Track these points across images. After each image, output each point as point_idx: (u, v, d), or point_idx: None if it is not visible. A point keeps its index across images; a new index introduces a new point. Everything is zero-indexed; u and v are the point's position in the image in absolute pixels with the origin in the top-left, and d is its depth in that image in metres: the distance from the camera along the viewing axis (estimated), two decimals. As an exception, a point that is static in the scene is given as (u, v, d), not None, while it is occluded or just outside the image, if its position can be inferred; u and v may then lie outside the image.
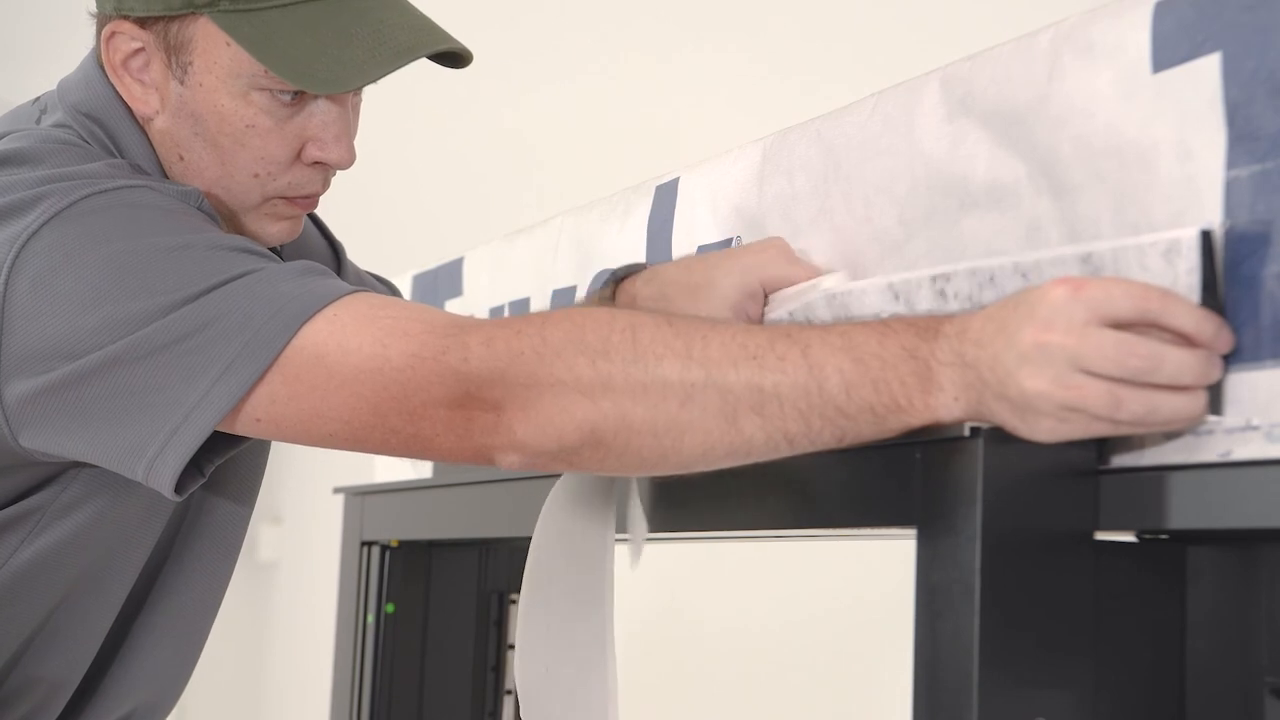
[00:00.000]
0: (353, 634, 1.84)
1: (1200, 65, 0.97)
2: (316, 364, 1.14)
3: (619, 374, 1.07)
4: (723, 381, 1.04)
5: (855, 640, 3.41)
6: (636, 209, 1.58)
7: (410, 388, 1.12)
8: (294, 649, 3.89)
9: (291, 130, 1.29)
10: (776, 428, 1.04)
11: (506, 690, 1.85)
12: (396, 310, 1.16)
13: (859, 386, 1.01)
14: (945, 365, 0.99)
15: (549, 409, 1.08)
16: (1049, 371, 0.93)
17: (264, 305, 1.15)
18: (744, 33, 3.62)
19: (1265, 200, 0.93)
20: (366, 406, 1.13)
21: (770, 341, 1.05)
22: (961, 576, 0.96)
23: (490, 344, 1.10)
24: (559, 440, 1.09)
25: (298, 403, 1.15)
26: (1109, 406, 0.92)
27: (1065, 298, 0.94)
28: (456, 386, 1.10)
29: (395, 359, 1.12)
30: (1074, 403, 0.93)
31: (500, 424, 1.10)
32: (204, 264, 1.18)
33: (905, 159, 1.22)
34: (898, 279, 1.17)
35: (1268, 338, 0.93)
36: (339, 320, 1.14)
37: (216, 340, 1.15)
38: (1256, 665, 0.97)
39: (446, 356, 1.11)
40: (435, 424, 1.12)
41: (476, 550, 1.85)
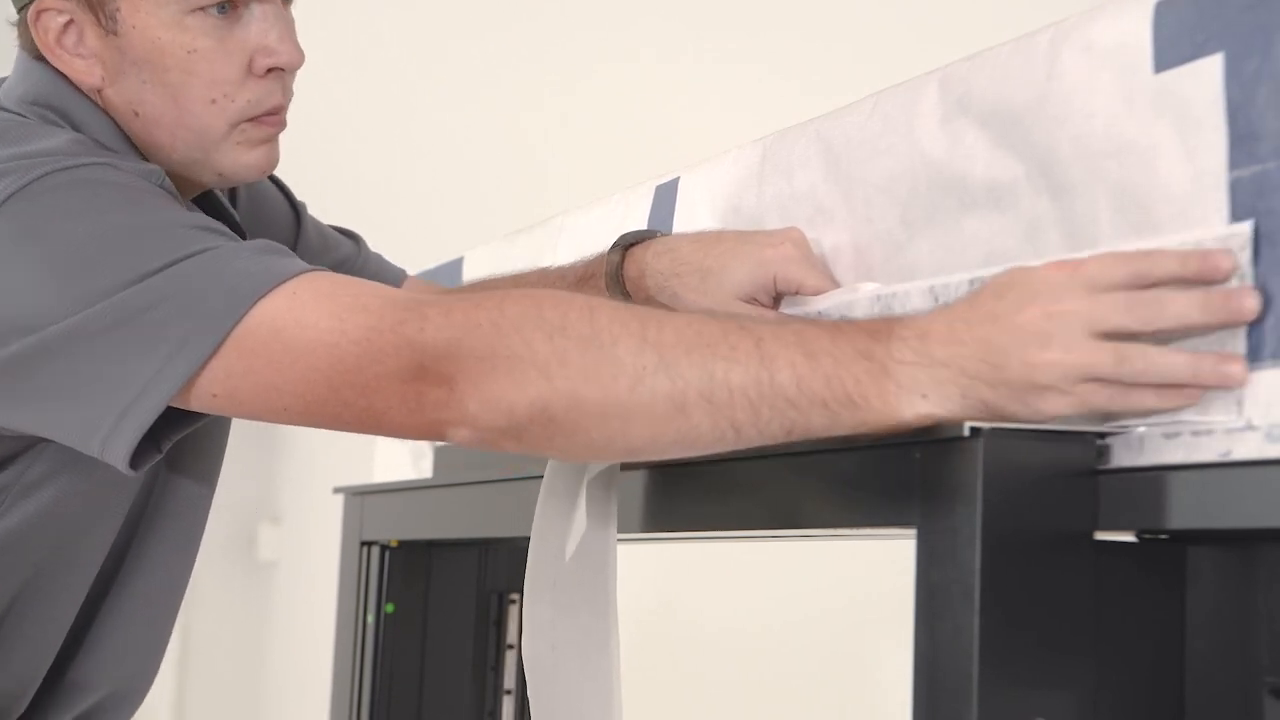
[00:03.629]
0: (352, 634, 1.84)
1: (1202, 65, 0.97)
2: (273, 338, 1.14)
3: (574, 351, 1.06)
4: (674, 366, 1.04)
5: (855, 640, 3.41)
6: (636, 209, 1.59)
7: (365, 360, 1.11)
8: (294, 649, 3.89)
9: (234, 45, 1.29)
10: (725, 416, 1.04)
11: (506, 690, 1.85)
12: (356, 287, 1.16)
13: (810, 380, 1.01)
14: (906, 365, 0.99)
15: (503, 383, 1.08)
16: (1060, 340, 0.95)
17: (219, 281, 1.15)
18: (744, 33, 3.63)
19: (1266, 201, 0.93)
20: (321, 380, 1.13)
21: (724, 331, 1.05)
22: (961, 576, 0.96)
23: (448, 314, 1.10)
24: (510, 415, 1.08)
25: (253, 377, 1.15)
26: (1114, 364, 0.94)
27: (1066, 276, 0.96)
28: (411, 358, 1.10)
29: (352, 331, 1.12)
30: (1083, 367, 0.94)
31: (452, 398, 1.09)
32: (162, 241, 1.17)
33: (905, 159, 1.22)
34: (938, 282, 1.16)
35: (1269, 338, 0.93)
36: (297, 296, 1.14)
37: (171, 316, 1.15)
38: (1256, 665, 0.97)
39: (403, 327, 1.10)
40: (389, 398, 1.11)
41: (476, 550, 1.85)
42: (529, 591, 1.36)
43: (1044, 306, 0.95)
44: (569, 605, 1.34)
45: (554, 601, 1.34)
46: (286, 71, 1.32)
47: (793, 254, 1.29)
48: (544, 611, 1.35)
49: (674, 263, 1.35)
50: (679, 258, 1.35)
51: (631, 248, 1.41)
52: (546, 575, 1.35)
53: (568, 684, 1.34)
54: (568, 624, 1.34)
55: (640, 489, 1.32)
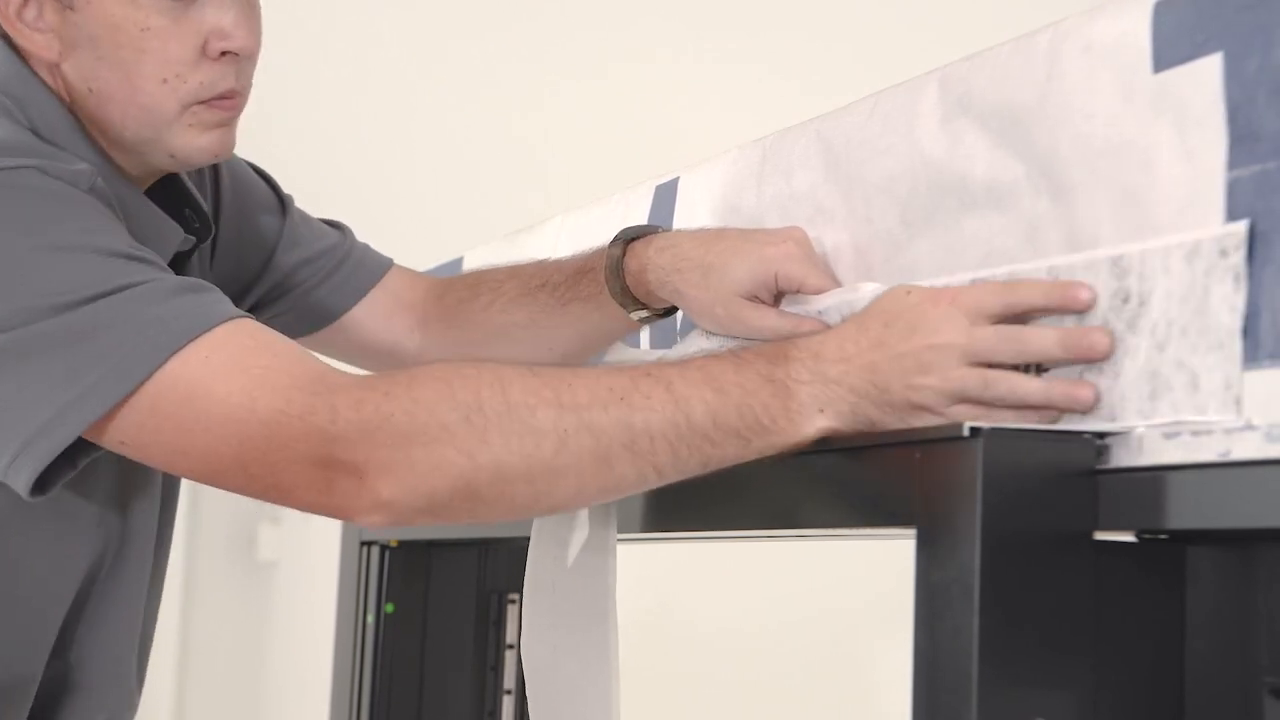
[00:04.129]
0: (352, 634, 1.84)
1: (1201, 65, 0.97)
2: (185, 404, 1.15)
3: (493, 428, 1.09)
4: (594, 424, 1.09)
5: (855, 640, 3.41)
6: (636, 208, 1.59)
7: (274, 442, 1.13)
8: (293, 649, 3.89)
9: (189, 27, 1.28)
10: (647, 462, 1.09)
11: (506, 690, 1.85)
12: (268, 359, 1.16)
13: (724, 414, 1.08)
14: (804, 384, 1.07)
15: (421, 469, 1.10)
16: (938, 370, 1.03)
17: (135, 329, 1.15)
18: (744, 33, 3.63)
19: (1265, 201, 0.93)
20: (229, 453, 1.14)
21: (633, 382, 1.10)
22: (961, 576, 0.96)
23: (359, 408, 1.11)
24: (429, 497, 1.11)
25: (162, 436, 1.16)
26: (981, 388, 1.02)
27: (945, 310, 1.04)
28: (321, 447, 1.11)
29: (260, 412, 1.13)
30: (955, 392, 1.03)
31: (364, 487, 1.11)
32: (81, 272, 1.17)
33: (905, 159, 1.22)
34: (939, 283, 1.16)
35: (1267, 338, 0.93)
36: (210, 363, 1.15)
37: (86, 357, 1.15)
38: (1256, 665, 0.97)
39: (313, 416, 1.12)
40: (296, 478, 1.13)
41: (476, 550, 1.85)
42: (528, 592, 1.36)
43: (925, 339, 1.04)
44: (569, 606, 1.34)
45: (554, 602, 1.34)
46: (243, 58, 1.32)
47: (795, 252, 1.29)
48: (543, 612, 1.35)
49: (676, 258, 1.35)
50: (681, 253, 1.35)
51: (632, 242, 1.40)
52: (546, 576, 1.35)
53: (567, 685, 1.34)
54: (567, 625, 1.34)
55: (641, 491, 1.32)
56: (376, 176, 3.54)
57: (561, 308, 1.48)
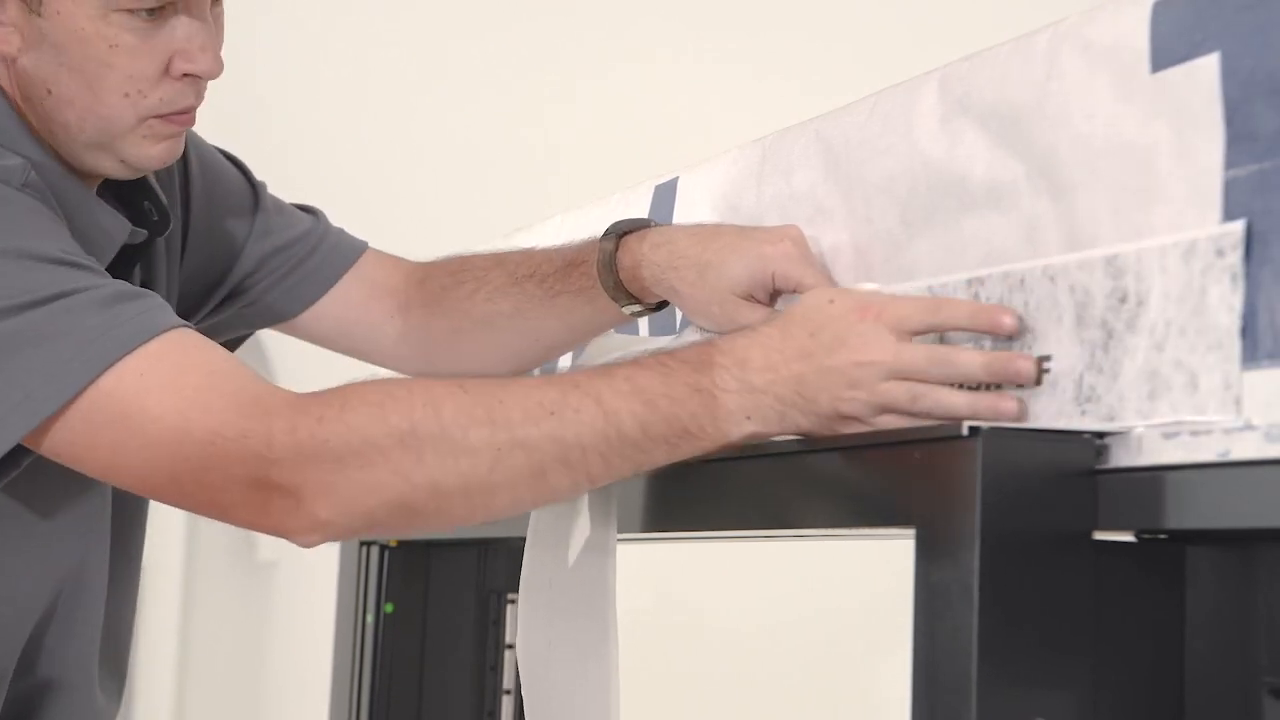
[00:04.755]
0: (352, 634, 1.84)
1: (1199, 65, 0.97)
2: (118, 422, 1.15)
3: (428, 449, 1.11)
4: (527, 440, 1.11)
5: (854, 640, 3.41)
6: (636, 208, 1.59)
7: (209, 463, 1.14)
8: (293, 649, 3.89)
9: (156, 46, 1.29)
10: (580, 472, 1.13)
11: (505, 690, 1.85)
12: (202, 378, 1.17)
13: (653, 425, 1.11)
14: (730, 393, 1.10)
15: (356, 491, 1.12)
16: (866, 385, 1.07)
17: (69, 340, 1.16)
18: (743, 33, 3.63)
19: (1263, 200, 0.93)
20: (164, 471, 1.16)
21: (563, 395, 1.12)
22: (960, 576, 0.96)
23: (293, 433, 1.12)
24: (366, 516, 1.13)
25: (97, 452, 1.17)
26: (909, 402, 1.06)
27: (871, 324, 1.07)
28: (257, 469, 1.13)
29: (196, 433, 1.14)
30: (883, 404, 1.07)
31: (300, 509, 1.13)
32: (13, 278, 1.18)
33: (905, 159, 1.22)
34: (936, 283, 1.16)
35: (1265, 337, 0.93)
36: (145, 380, 1.15)
37: (20, 368, 1.16)
38: (1256, 665, 0.97)
39: (248, 440, 1.13)
40: (232, 497, 1.14)
41: (475, 550, 1.85)
42: (525, 593, 1.36)
43: (852, 355, 1.07)
44: (568, 607, 1.33)
45: (552, 603, 1.34)
46: (205, 79, 1.33)
47: (792, 251, 1.29)
48: (541, 613, 1.35)
49: (671, 255, 1.35)
50: (677, 250, 1.35)
51: (625, 236, 1.40)
52: (544, 576, 1.35)
53: (565, 686, 1.34)
54: (566, 625, 1.34)
55: (640, 489, 1.32)
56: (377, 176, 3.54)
57: (549, 299, 1.47)
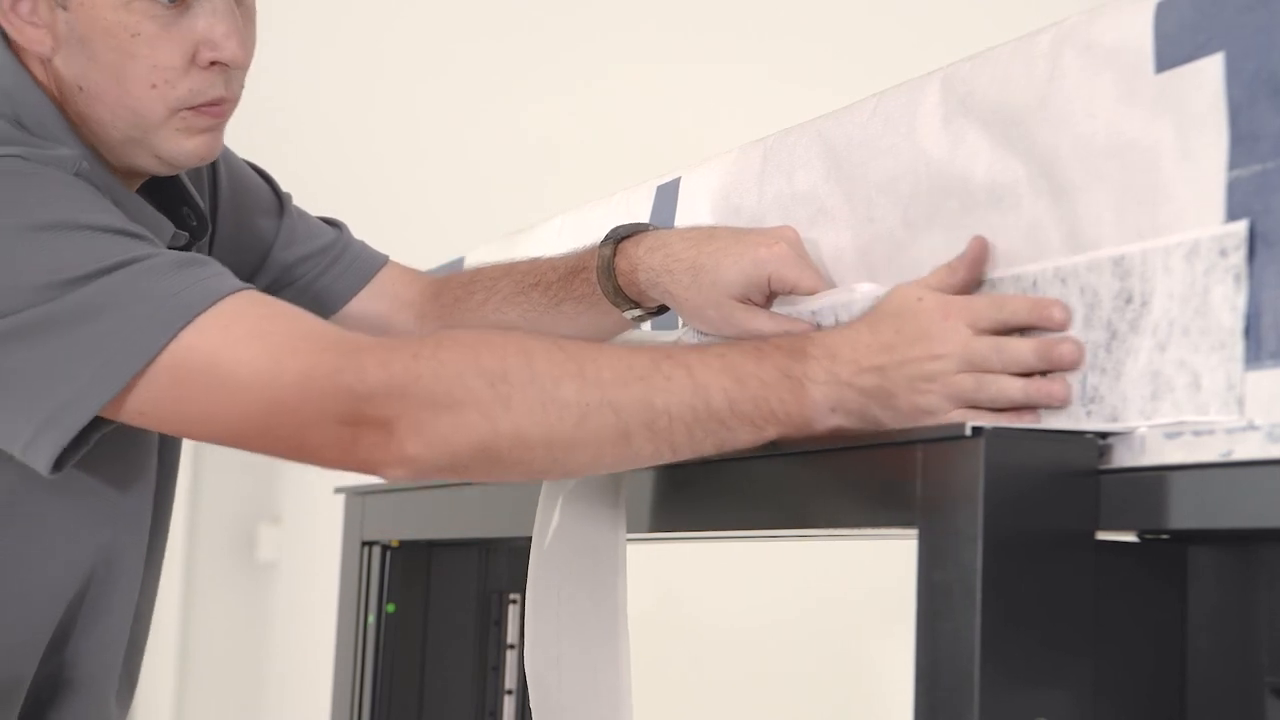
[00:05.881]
0: (353, 634, 1.84)
1: (1202, 66, 0.97)
2: (208, 373, 1.16)
3: (517, 396, 1.12)
4: (617, 400, 1.12)
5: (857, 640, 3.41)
6: (638, 208, 1.59)
7: (302, 403, 1.14)
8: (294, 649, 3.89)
9: (180, 34, 1.29)
10: (664, 440, 1.13)
11: (507, 690, 1.85)
12: (286, 324, 1.18)
13: (740, 403, 1.12)
14: (819, 384, 1.12)
15: (444, 428, 1.12)
16: (941, 377, 1.10)
17: (147, 300, 1.16)
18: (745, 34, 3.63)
19: (1266, 200, 0.94)
20: (256, 416, 1.16)
21: (655, 362, 1.13)
22: (962, 576, 0.96)
23: (386, 366, 1.13)
24: (452, 456, 1.13)
25: (186, 405, 1.18)
26: (974, 390, 1.09)
27: (952, 323, 1.11)
28: (349, 404, 1.13)
29: (287, 375, 1.14)
30: (956, 395, 1.09)
31: (390, 441, 1.13)
32: (80, 248, 1.19)
33: (907, 159, 1.22)
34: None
35: (1268, 338, 0.93)
36: (231, 331, 1.16)
37: (97, 334, 1.16)
38: (1257, 665, 0.98)
39: (340, 375, 1.13)
40: (323, 437, 1.15)
41: (477, 550, 1.85)
42: (531, 594, 1.36)
43: (930, 349, 1.10)
44: (576, 608, 1.34)
45: (560, 604, 1.34)
46: (232, 67, 1.33)
47: (787, 253, 1.29)
48: (548, 614, 1.35)
49: (666, 259, 1.35)
50: (671, 254, 1.35)
51: (623, 242, 1.41)
52: (551, 577, 1.35)
53: (575, 688, 1.34)
54: (575, 626, 1.34)
55: (645, 490, 1.32)
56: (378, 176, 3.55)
57: (554, 307, 1.48)
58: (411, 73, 3.61)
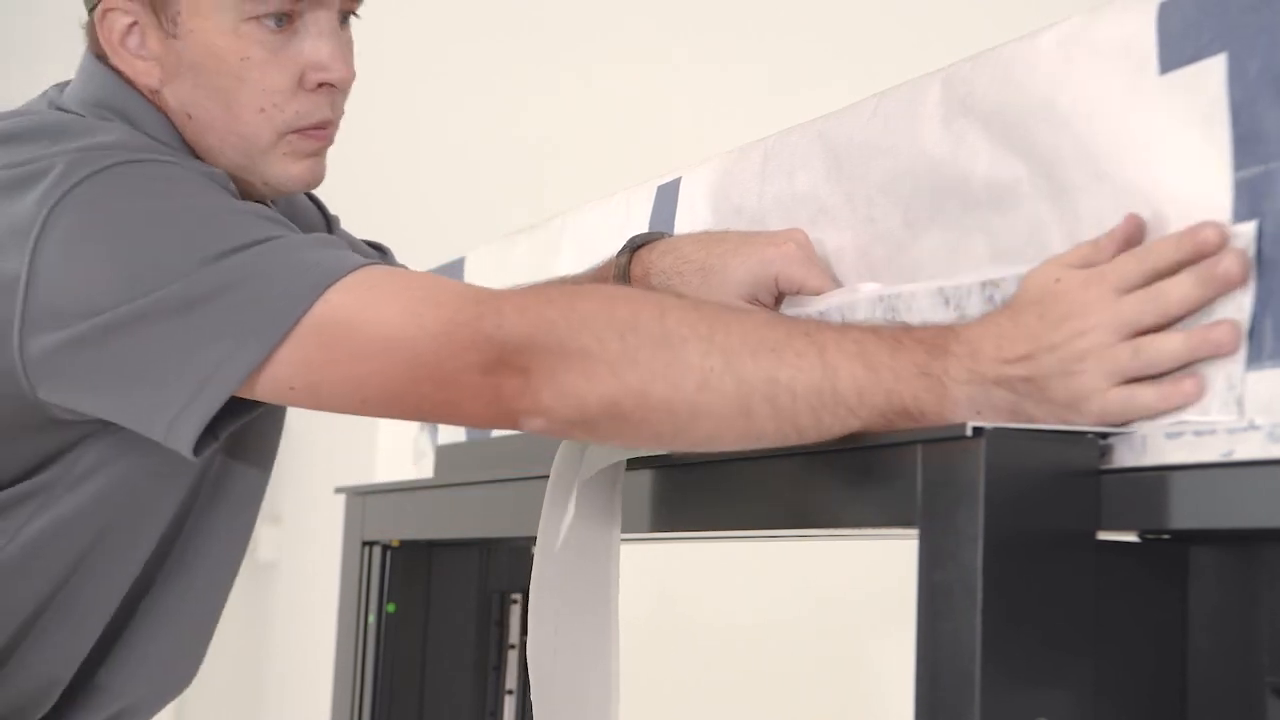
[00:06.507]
0: (354, 634, 1.84)
1: (1206, 66, 0.97)
2: (352, 332, 1.17)
3: (644, 351, 1.10)
4: (740, 370, 1.08)
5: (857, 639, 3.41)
6: (638, 209, 1.59)
7: (444, 354, 1.15)
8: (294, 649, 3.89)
9: (287, 58, 1.31)
10: (788, 419, 1.08)
11: (508, 690, 1.85)
12: (425, 280, 1.20)
13: (871, 393, 1.06)
14: (961, 384, 1.04)
15: (575, 378, 1.11)
16: (1094, 352, 1.00)
17: (287, 270, 1.18)
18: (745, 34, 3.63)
19: (1270, 201, 0.94)
20: (402, 373, 1.16)
21: (789, 337, 1.09)
22: (963, 576, 0.96)
23: (523, 311, 1.14)
24: (581, 409, 1.12)
25: (333, 369, 1.18)
26: (1132, 357, 0.99)
27: (1096, 289, 1.01)
28: (490, 352, 1.13)
29: (430, 326, 1.15)
30: (1113, 368, 1.00)
31: (528, 388, 1.13)
32: (228, 226, 1.20)
33: (907, 159, 1.22)
34: (949, 284, 1.16)
35: (1269, 339, 0.93)
36: (372, 291, 1.17)
37: (240, 303, 1.17)
38: (1258, 665, 0.97)
39: (481, 322, 1.14)
40: (466, 389, 1.15)
41: (478, 550, 1.85)
42: (533, 592, 1.36)
43: (1077, 324, 1.01)
44: (572, 606, 1.34)
45: (557, 602, 1.34)
46: (337, 89, 1.35)
47: (795, 254, 1.30)
48: (547, 612, 1.35)
49: (677, 261, 1.36)
50: (681, 256, 1.36)
51: (639, 249, 1.42)
52: (549, 576, 1.35)
53: (568, 683, 1.34)
54: (570, 625, 1.34)
55: (644, 489, 1.32)
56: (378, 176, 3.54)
57: None
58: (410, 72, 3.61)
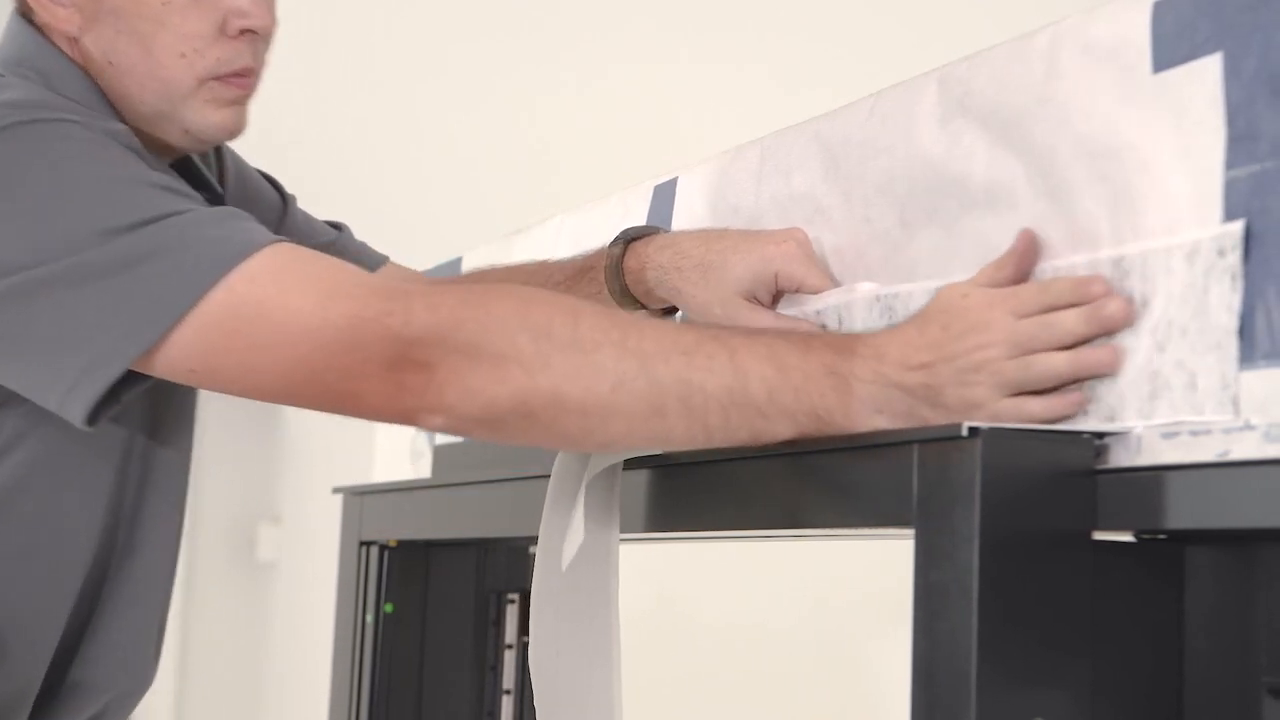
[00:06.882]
0: (351, 634, 1.84)
1: (1201, 65, 0.97)
2: (256, 319, 1.15)
3: (558, 354, 1.11)
4: (653, 373, 1.11)
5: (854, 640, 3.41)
6: (635, 208, 1.59)
7: (349, 346, 1.14)
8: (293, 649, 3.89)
9: (209, 3, 1.31)
10: (698, 420, 1.11)
11: (505, 690, 1.85)
12: (335, 270, 1.18)
13: (780, 392, 1.10)
14: (866, 383, 1.09)
15: (484, 378, 1.12)
16: (989, 366, 1.06)
17: (190, 248, 1.16)
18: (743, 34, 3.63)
19: (1262, 201, 0.94)
20: (304, 363, 1.15)
21: (699, 341, 1.12)
22: (959, 576, 0.96)
23: (435, 310, 1.13)
24: (489, 408, 1.13)
25: (234, 355, 1.17)
26: (1021, 371, 1.05)
27: (999, 312, 1.07)
28: (394, 348, 1.13)
29: (335, 319, 1.14)
30: (1004, 382, 1.06)
31: (430, 386, 1.13)
32: (130, 199, 1.19)
33: (904, 159, 1.22)
34: (946, 284, 1.16)
35: (1262, 339, 0.93)
36: (279, 276, 1.16)
37: (141, 279, 1.16)
38: (1255, 665, 0.98)
39: (389, 318, 1.13)
40: (368, 383, 1.14)
41: (475, 550, 1.85)
42: (535, 592, 1.36)
43: (977, 339, 1.07)
44: (573, 606, 1.34)
45: (558, 602, 1.34)
46: (260, 36, 1.34)
47: (795, 251, 1.30)
48: (548, 612, 1.35)
49: (676, 256, 1.36)
50: (681, 251, 1.36)
51: (633, 242, 1.41)
52: (551, 576, 1.35)
53: (570, 684, 1.34)
54: (571, 626, 1.34)
55: (642, 489, 1.32)
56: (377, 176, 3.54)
57: None
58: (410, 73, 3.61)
